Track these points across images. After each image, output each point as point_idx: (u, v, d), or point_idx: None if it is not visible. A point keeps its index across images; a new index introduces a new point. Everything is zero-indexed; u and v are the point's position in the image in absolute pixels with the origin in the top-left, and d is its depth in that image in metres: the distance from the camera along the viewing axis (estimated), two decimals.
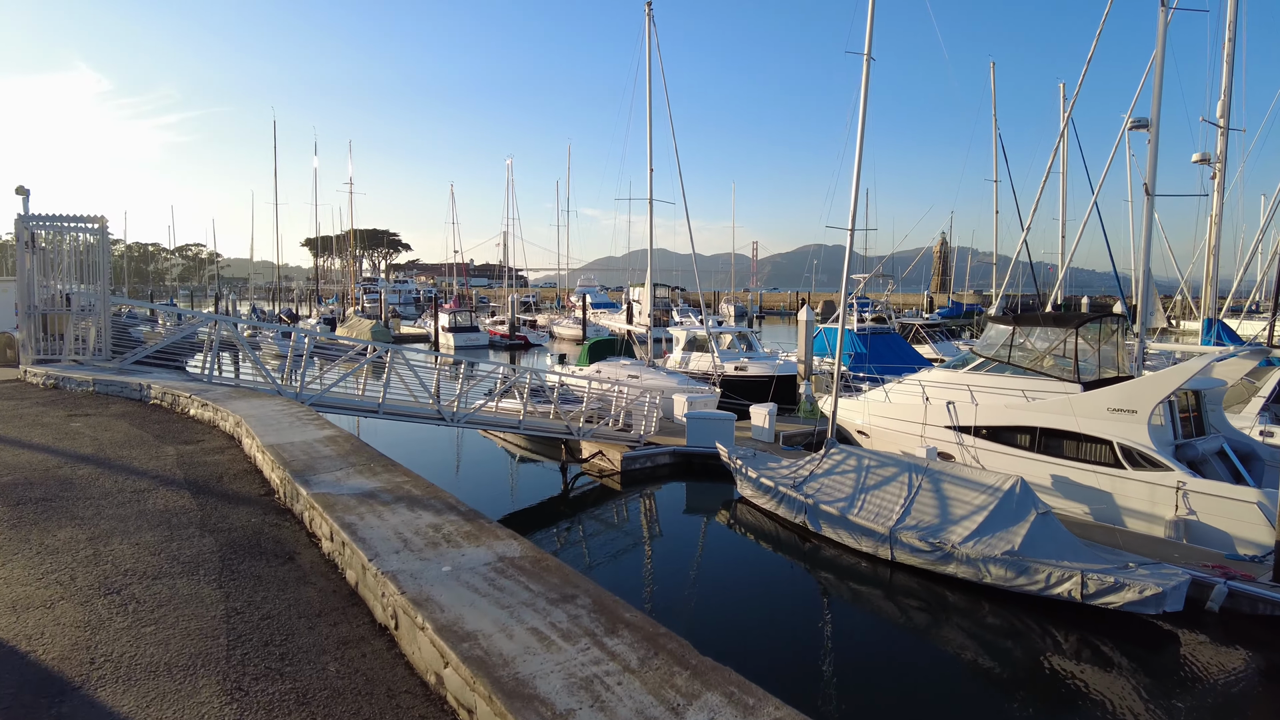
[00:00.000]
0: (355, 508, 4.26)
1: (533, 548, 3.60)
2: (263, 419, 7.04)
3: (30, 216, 12.30)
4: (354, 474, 5.04)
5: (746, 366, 25.05)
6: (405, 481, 4.85)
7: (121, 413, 8.90)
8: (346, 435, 6.24)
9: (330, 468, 5.22)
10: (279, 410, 7.52)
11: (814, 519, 13.61)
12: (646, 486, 18.01)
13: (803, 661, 9.98)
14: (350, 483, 4.83)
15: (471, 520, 4.01)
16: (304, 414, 7.36)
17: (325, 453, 5.66)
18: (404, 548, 3.61)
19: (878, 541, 12.50)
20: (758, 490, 15.06)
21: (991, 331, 15.80)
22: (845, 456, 14.29)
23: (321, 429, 6.58)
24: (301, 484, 4.81)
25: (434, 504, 4.34)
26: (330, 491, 4.60)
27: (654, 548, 14.80)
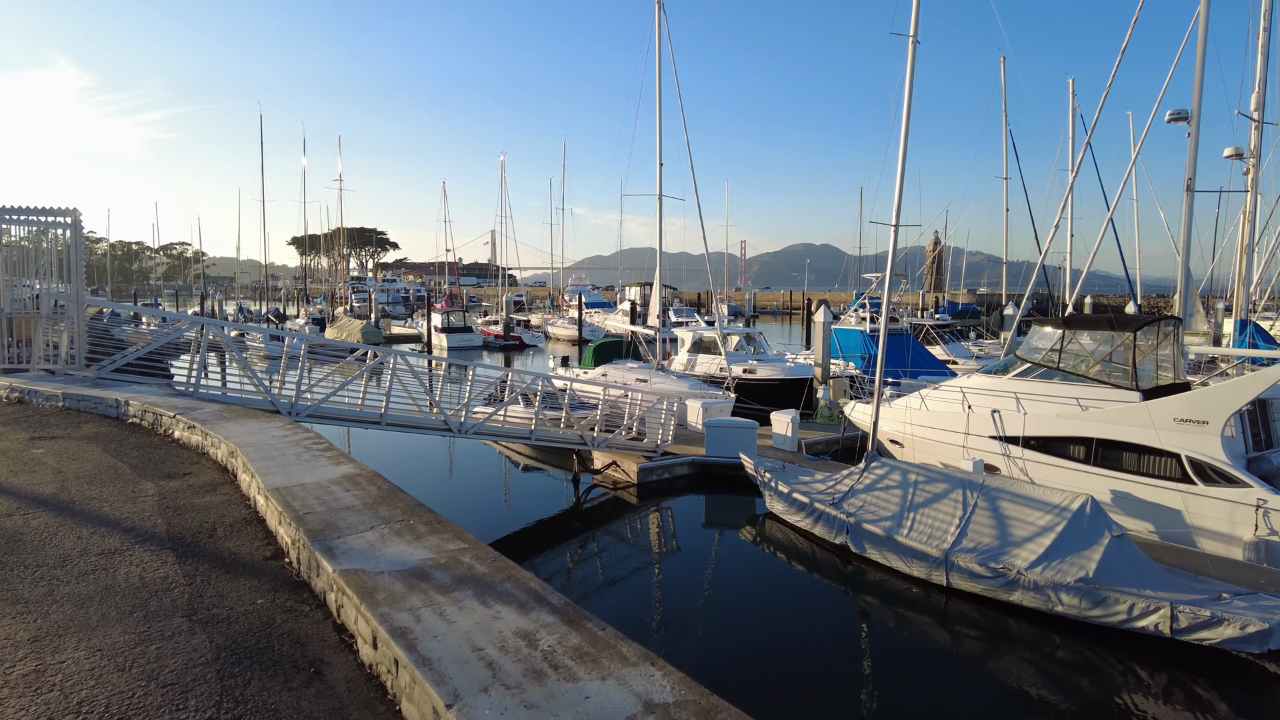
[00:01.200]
0: (404, 598, 3.05)
1: (689, 684, 2.40)
2: (262, 449, 5.79)
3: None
4: (390, 536, 3.82)
5: (756, 369, 23.91)
6: (462, 550, 3.63)
7: (94, 434, 7.61)
8: (369, 474, 5.01)
9: (357, 524, 4.00)
10: (280, 436, 6.27)
11: (857, 539, 12.49)
12: (664, 499, 16.85)
13: (849, 697, 8.87)
14: (388, 551, 3.61)
15: (575, 624, 2.81)
16: (310, 441, 6.11)
17: (347, 500, 4.43)
18: (492, 679, 2.42)
19: (931, 565, 11.39)
20: (790, 507, 13.91)
21: (1036, 335, 14.74)
22: (888, 470, 13.17)
23: (336, 463, 5.34)
24: (323, 552, 3.60)
25: (512, 592, 3.13)
26: (365, 567, 3.39)
27: (675, 567, 13.65)
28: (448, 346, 44.71)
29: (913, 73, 12.39)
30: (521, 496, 18.12)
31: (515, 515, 16.27)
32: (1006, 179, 31.54)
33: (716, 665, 9.70)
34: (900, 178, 12.61)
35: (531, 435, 15.36)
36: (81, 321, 11.30)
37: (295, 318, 57.33)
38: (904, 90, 12.38)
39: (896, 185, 12.66)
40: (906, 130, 12.56)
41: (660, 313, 24.63)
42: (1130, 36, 18.25)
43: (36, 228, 10.90)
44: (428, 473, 19.61)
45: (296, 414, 12.65)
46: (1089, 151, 33.36)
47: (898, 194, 12.77)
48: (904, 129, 12.56)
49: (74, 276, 11.09)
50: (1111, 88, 19.70)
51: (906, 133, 12.57)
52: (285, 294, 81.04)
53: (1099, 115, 19.50)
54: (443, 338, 45.02)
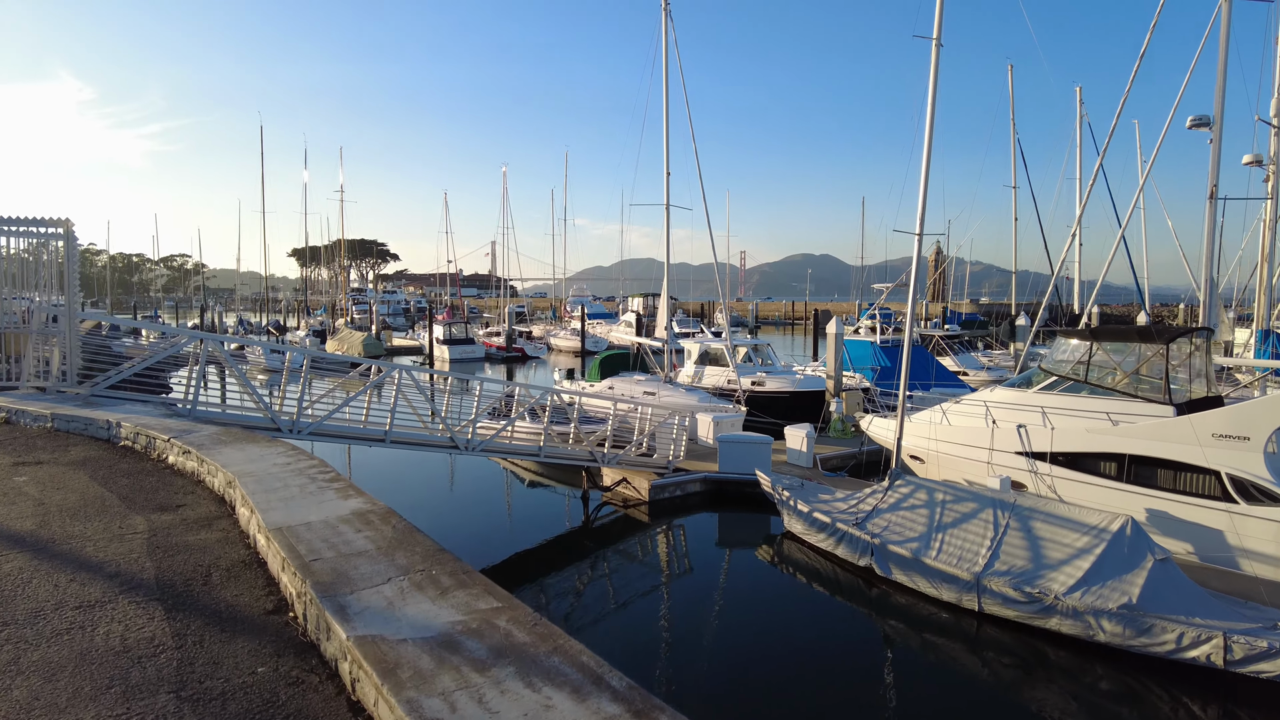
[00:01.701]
0: (433, 676, 2.53)
1: None
2: (263, 479, 5.27)
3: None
4: (411, 591, 3.30)
5: (764, 382, 23.39)
6: (496, 610, 3.10)
7: (82, 459, 7.08)
8: (382, 511, 4.48)
9: (372, 575, 3.48)
10: (282, 465, 5.74)
11: (882, 561, 11.95)
12: (676, 517, 16.31)
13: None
14: (410, 611, 3.09)
15: (646, 716, 2.29)
16: (315, 470, 5.58)
17: (358, 544, 3.91)
18: None
19: (961, 589, 10.85)
20: (810, 526, 13.37)
21: (1062, 347, 14.24)
22: (914, 489, 12.64)
23: (344, 496, 4.81)
24: (335, 611, 3.08)
25: (563, 669, 2.60)
26: (384, 633, 2.87)
27: (690, 588, 13.10)
28: (449, 359, 44.18)
29: (936, 76, 11.95)
30: (528, 514, 17.57)
31: (522, 534, 15.72)
32: (1015, 188, 31.14)
33: (736, 693, 9.19)
34: (924, 184, 12.15)
35: (540, 452, 14.83)
36: (74, 336, 10.78)
37: (295, 329, 56.83)
38: (927, 94, 11.94)
39: (920, 192, 12.20)
40: (930, 135, 12.11)
41: (669, 324, 24.13)
42: (1148, 43, 17.85)
43: (29, 239, 10.40)
44: (430, 489, 19.05)
45: (298, 432, 12.14)
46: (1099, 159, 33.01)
47: (921, 201, 12.30)
48: (928, 134, 12.10)
49: (67, 289, 10.58)
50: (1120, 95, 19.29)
51: (930, 138, 12.12)
52: (285, 306, 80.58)
53: (1115, 125, 19.08)
54: (445, 350, 44.49)
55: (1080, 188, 34.95)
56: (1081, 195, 34.59)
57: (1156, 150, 20.58)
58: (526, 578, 13.46)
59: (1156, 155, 20.83)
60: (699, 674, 9.72)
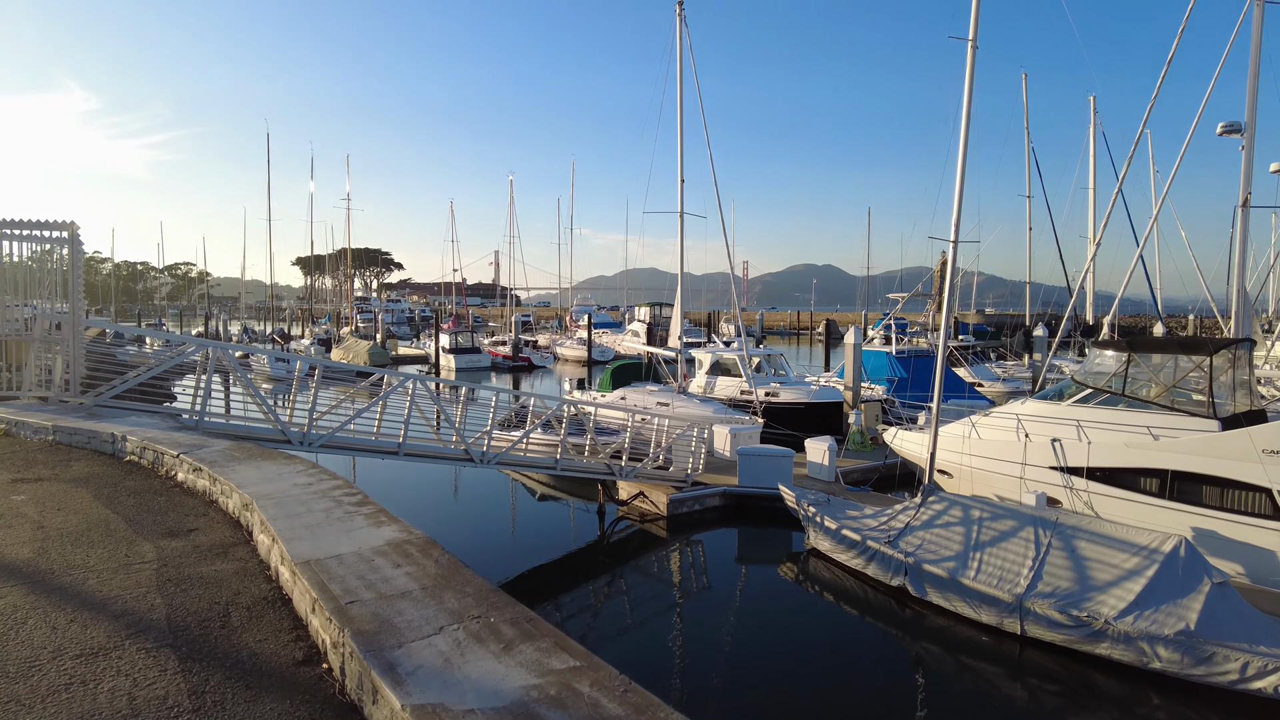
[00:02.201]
0: None
1: None
2: (283, 502, 4.78)
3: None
4: (468, 642, 2.80)
5: (779, 393, 22.86)
6: (575, 671, 2.61)
7: (85, 476, 6.59)
8: (421, 541, 3.98)
9: (420, 623, 2.98)
10: (303, 485, 5.25)
11: (916, 581, 11.42)
12: (694, 532, 15.79)
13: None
14: (471, 669, 2.60)
15: None
16: (340, 491, 5.09)
17: (399, 581, 3.42)
18: None
19: (1002, 612, 10.33)
20: (839, 544, 12.85)
21: (1096, 358, 13.75)
22: (948, 505, 12.13)
23: (376, 523, 4.32)
24: (382, 670, 2.59)
25: None
26: (445, 701, 2.37)
27: (712, 607, 12.58)
28: (455, 368, 43.69)
29: (972, 78, 11.51)
30: (541, 528, 17.05)
31: (535, 549, 15.18)
32: (1030, 197, 30.73)
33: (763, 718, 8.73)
34: (959, 189, 11.69)
35: (557, 465, 14.33)
36: (78, 344, 10.32)
37: (300, 338, 56.40)
38: (963, 96, 11.50)
39: (955, 197, 11.75)
40: (965, 139, 11.66)
41: (681, 334, 23.64)
42: (1175, 50, 17.41)
43: (33, 243, 9.96)
44: (436, 501, 18.51)
45: (308, 444, 11.68)
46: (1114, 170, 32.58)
47: (956, 207, 11.84)
48: (963, 137, 11.66)
49: (71, 295, 10.13)
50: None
51: (965, 141, 11.67)
52: (290, 314, 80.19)
53: (1140, 134, 18.60)
54: (450, 359, 44.01)
55: (1094, 197, 34.56)
56: (1096, 205, 34.21)
57: (1180, 159, 20.10)
58: (542, 595, 12.96)
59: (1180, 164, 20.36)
60: (723, 697, 9.25)
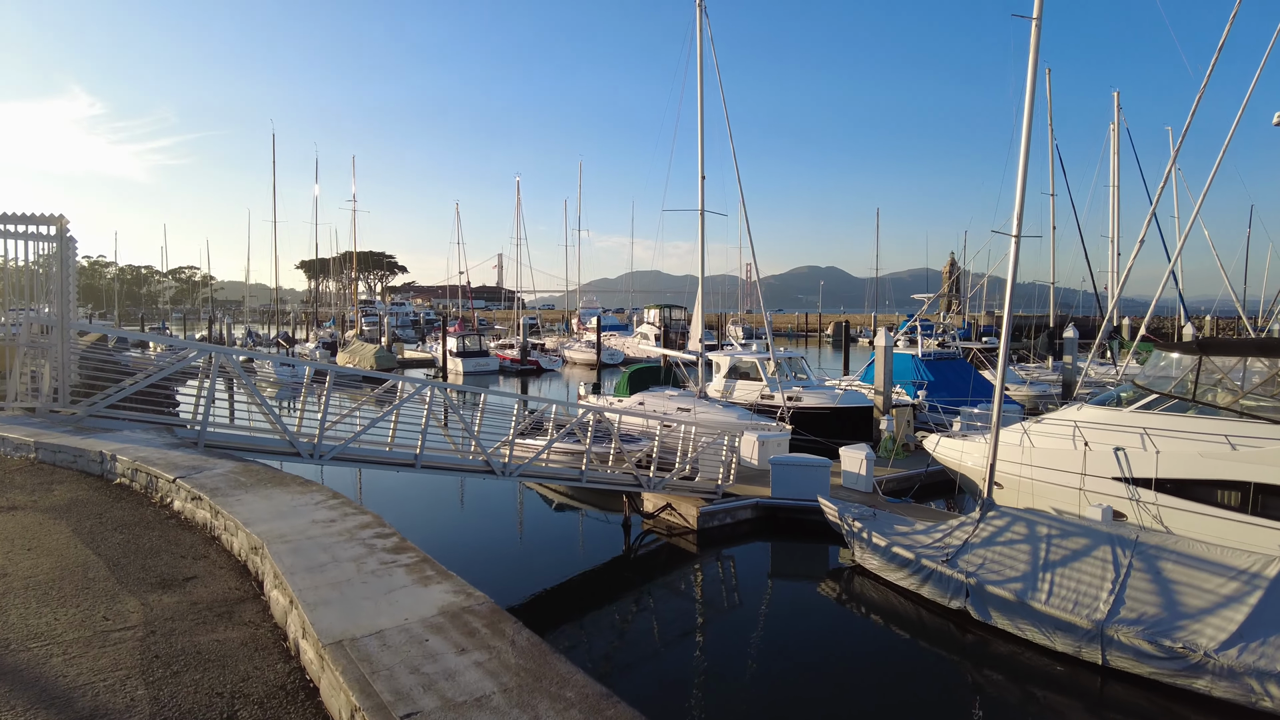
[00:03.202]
0: None
1: None
2: (300, 546, 3.82)
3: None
4: None
5: (801, 397, 21.86)
6: None
7: (67, 503, 5.65)
8: (485, 608, 3.02)
9: None
10: (323, 522, 4.29)
11: (979, 604, 10.43)
12: (725, 547, 14.80)
13: None
14: None
15: None
16: (369, 532, 4.12)
17: (469, 678, 2.46)
18: None
19: (1079, 639, 9.33)
20: (889, 562, 11.87)
21: (1161, 362, 12.79)
22: (1010, 521, 11.14)
23: (422, 580, 3.36)
24: None
25: None
26: None
27: (749, 629, 11.59)
28: (463, 371, 42.72)
29: (1036, 58, 10.55)
30: (559, 541, 16.03)
31: (555, 563, 14.17)
32: (1053, 195, 29.77)
33: None
34: (1022, 177, 10.73)
35: (582, 477, 13.36)
36: (66, 350, 9.36)
37: (305, 342, 55.48)
38: (1026, 77, 10.53)
39: (1018, 187, 10.79)
40: (1028, 123, 10.69)
41: (701, 336, 22.68)
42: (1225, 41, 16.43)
43: (15, 240, 9.00)
44: (447, 511, 17.47)
45: (319, 456, 10.74)
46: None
47: (1019, 197, 10.88)
48: (1025, 122, 10.69)
49: (59, 296, 9.18)
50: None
51: (1028, 128, 10.70)
52: (294, 318, 79.29)
53: (1186, 132, 17.60)
54: (458, 362, 43.04)
55: (1117, 195, 33.58)
56: (1120, 204, 33.21)
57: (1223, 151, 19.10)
58: (564, 615, 12.02)
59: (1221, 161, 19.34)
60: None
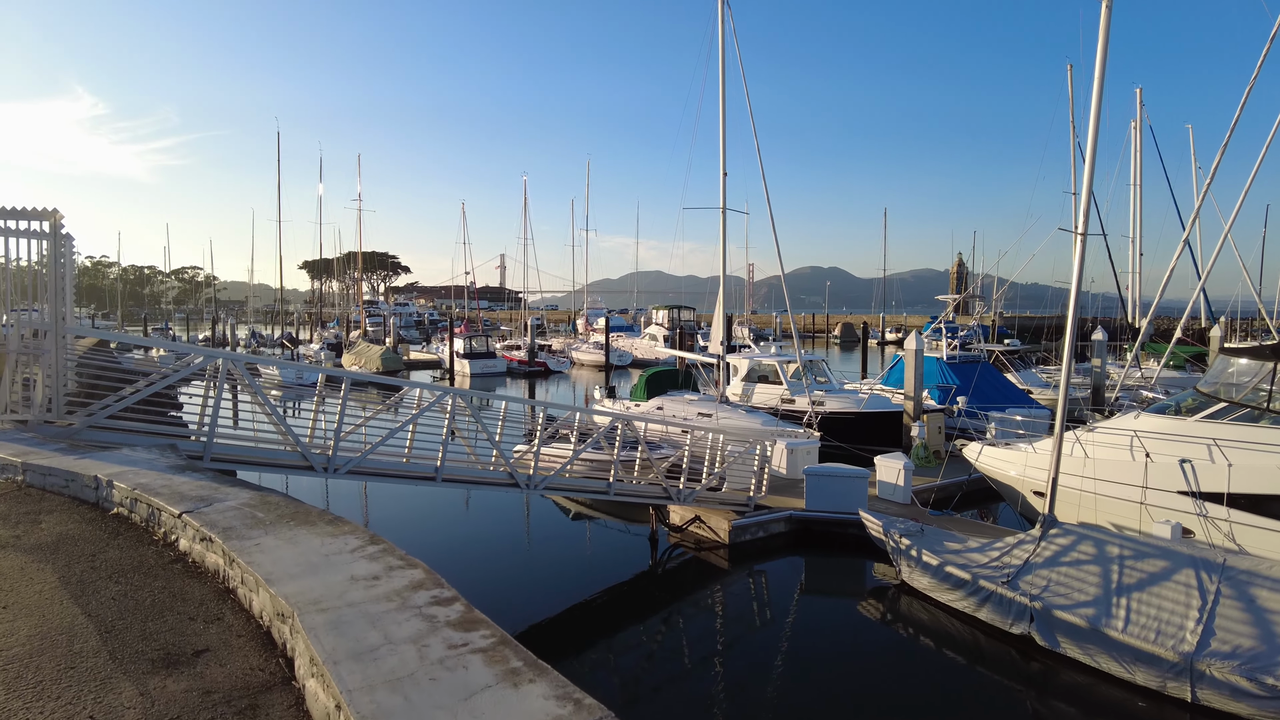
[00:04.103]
0: None
1: None
2: (343, 618, 3.00)
3: None
4: None
5: (824, 402, 21.04)
6: None
7: (55, 540, 4.84)
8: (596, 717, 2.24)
9: None
10: (366, 581, 3.46)
11: (1045, 630, 9.62)
12: (757, 562, 13.99)
13: None
14: None
15: None
16: (426, 596, 3.30)
17: None
18: None
19: (1165, 673, 8.52)
20: (941, 582, 11.06)
21: (1229, 368, 11.98)
22: (1076, 540, 10.33)
23: (510, 679, 2.53)
24: None
25: None
26: None
27: (790, 653, 10.78)
28: (470, 373, 41.89)
29: (1106, 42, 9.72)
30: (581, 555, 15.16)
31: (577, 580, 13.33)
32: (1075, 194, 28.87)
33: None
34: (1090, 168, 9.90)
35: (610, 490, 12.55)
36: (61, 356, 8.55)
37: (309, 342, 54.65)
38: (1095, 63, 9.70)
39: (1086, 183, 9.96)
40: (1097, 114, 9.86)
41: (723, 339, 21.85)
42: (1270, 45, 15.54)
43: (5, 237, 8.18)
44: (453, 522, 16.61)
45: (334, 469, 9.95)
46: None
47: (1086, 192, 10.06)
48: (1094, 110, 9.85)
49: (53, 298, 8.36)
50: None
51: (1097, 117, 9.87)
52: (297, 318, 78.47)
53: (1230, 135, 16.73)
54: (465, 364, 42.21)
55: (1140, 194, 32.76)
56: (1142, 203, 32.35)
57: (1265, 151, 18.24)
58: (590, 633, 11.24)
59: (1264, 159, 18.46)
60: None
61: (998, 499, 17.04)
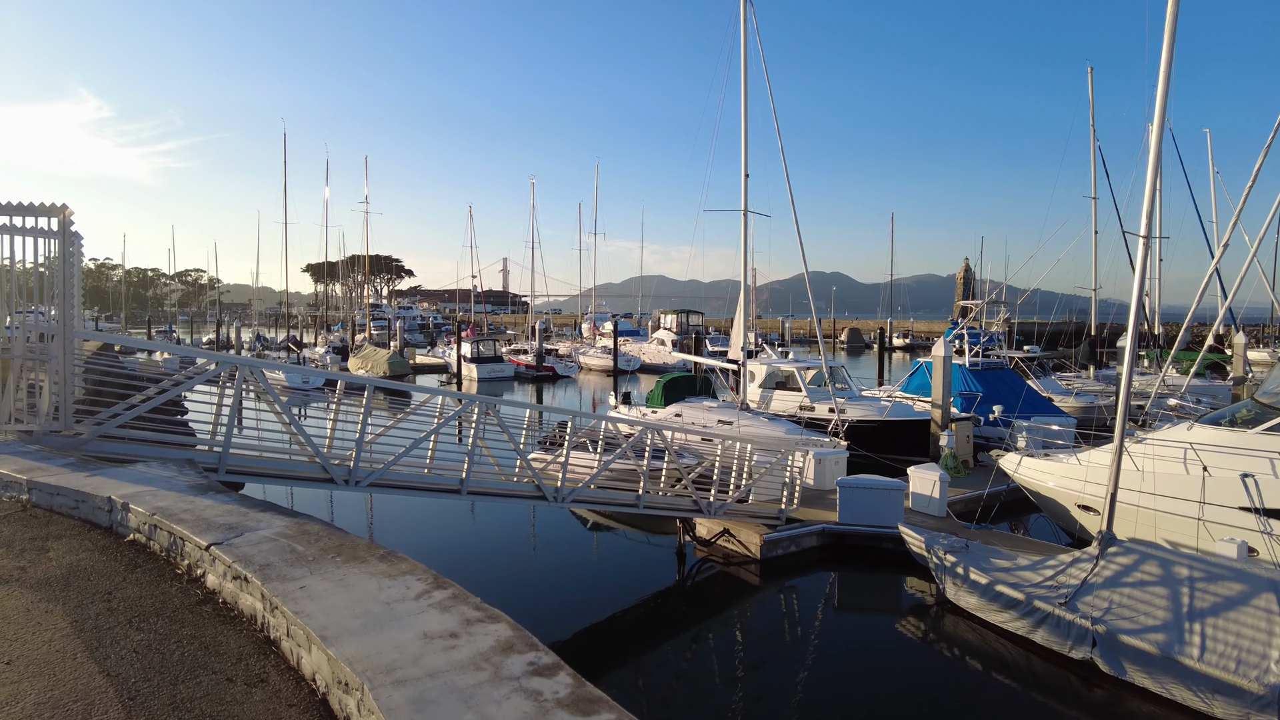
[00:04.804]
0: None
1: None
2: (429, 699, 2.41)
3: None
4: None
5: (845, 409, 20.46)
6: None
7: (65, 573, 4.27)
8: None
9: None
10: (442, 638, 2.88)
11: (1110, 656, 9.02)
12: (789, 578, 13.41)
13: None
14: None
15: None
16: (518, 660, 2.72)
17: None
18: None
19: (1248, 706, 7.92)
20: (990, 602, 10.46)
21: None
22: (1139, 559, 9.73)
23: None
24: None
25: None
26: None
27: (828, 674, 10.21)
28: (478, 378, 41.29)
29: (1174, 29, 9.17)
30: (603, 569, 14.56)
31: (601, 595, 12.74)
32: (1095, 198, 28.39)
33: None
34: (1154, 167, 9.34)
35: (639, 503, 11.97)
36: (70, 360, 7.98)
37: (314, 346, 54.07)
38: (1163, 42, 9.13)
39: (1148, 185, 9.41)
40: (1162, 112, 9.30)
41: (744, 345, 21.26)
42: None
43: (9, 233, 7.61)
44: (461, 533, 15.96)
45: (355, 483, 9.37)
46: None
47: (1148, 197, 9.50)
48: (1159, 106, 9.30)
49: (62, 300, 7.78)
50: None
51: (1162, 115, 9.32)
52: (301, 321, 77.88)
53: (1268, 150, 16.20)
54: (472, 368, 41.61)
55: (1159, 199, 32.17)
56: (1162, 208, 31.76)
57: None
58: (616, 652, 10.67)
59: None
60: None
61: (1029, 511, 16.47)
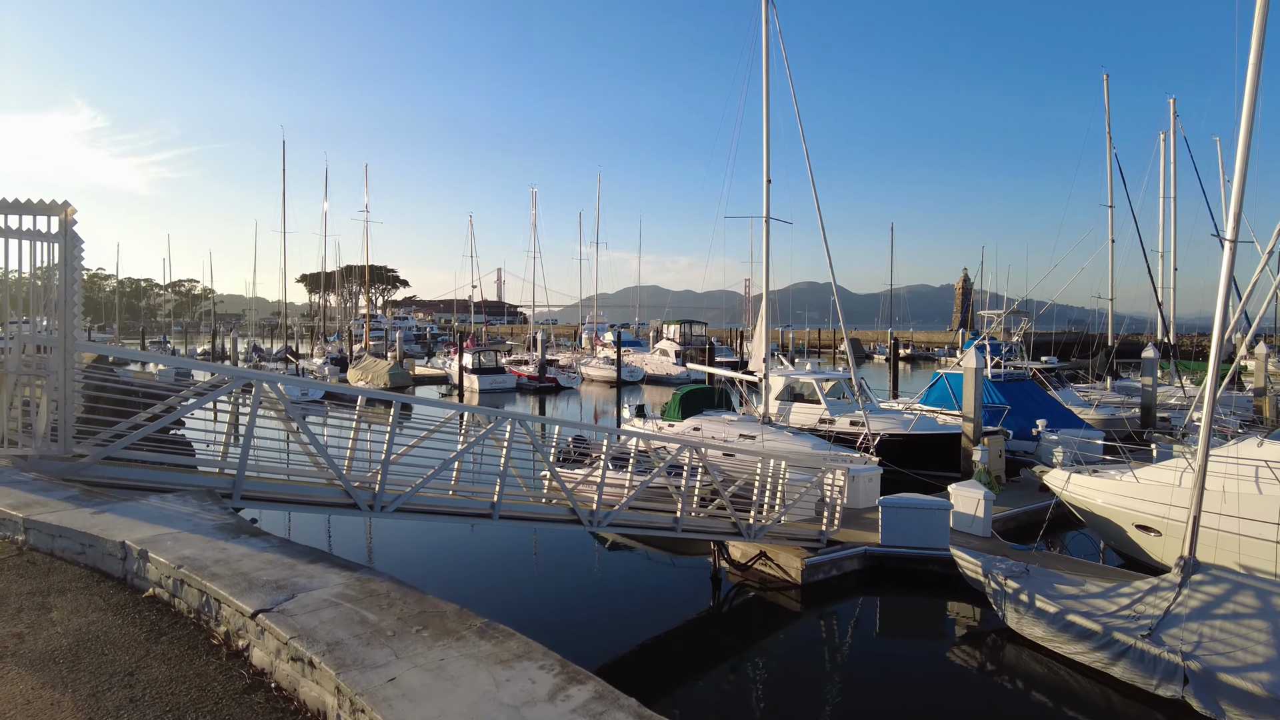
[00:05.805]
0: None
1: None
2: None
3: None
4: None
5: (866, 423, 19.74)
6: None
7: (72, 644, 3.45)
8: None
9: None
10: None
11: (1205, 694, 8.24)
12: (829, 604, 12.62)
13: None
14: None
15: None
16: None
17: None
18: None
19: None
20: (1060, 632, 9.68)
21: None
22: (1231, 589, 8.98)
23: None
24: None
25: None
26: None
27: (888, 710, 9.46)
28: (479, 389, 40.40)
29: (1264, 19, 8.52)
30: (633, 594, 13.65)
31: (632, 621, 11.95)
32: (1112, 206, 27.91)
33: None
34: (1241, 164, 8.66)
35: (677, 526, 11.17)
36: (70, 376, 7.13)
37: (310, 357, 53.06)
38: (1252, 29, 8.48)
39: (1237, 181, 8.74)
40: (1250, 110, 8.65)
41: (766, 356, 20.52)
42: None
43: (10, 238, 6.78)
44: (469, 553, 15.11)
45: (380, 508, 8.55)
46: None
47: (1236, 198, 8.82)
48: (1248, 99, 8.64)
49: (63, 309, 6.94)
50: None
51: (1250, 113, 8.66)
52: (296, 332, 76.76)
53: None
54: (474, 379, 40.73)
55: (1174, 208, 31.78)
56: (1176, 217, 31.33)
57: None
58: (658, 685, 9.85)
59: None
60: None
61: (1067, 528, 15.78)
